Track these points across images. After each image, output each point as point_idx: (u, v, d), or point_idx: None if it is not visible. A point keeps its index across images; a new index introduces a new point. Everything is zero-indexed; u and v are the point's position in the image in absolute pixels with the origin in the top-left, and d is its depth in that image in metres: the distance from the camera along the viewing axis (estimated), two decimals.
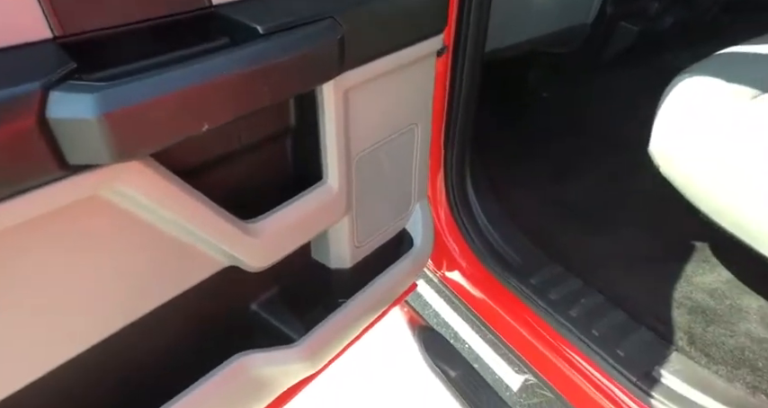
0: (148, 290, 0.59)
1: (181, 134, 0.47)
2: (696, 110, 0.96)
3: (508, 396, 1.57)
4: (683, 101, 0.98)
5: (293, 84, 0.58)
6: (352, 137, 0.76)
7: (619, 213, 1.33)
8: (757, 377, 0.95)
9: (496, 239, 1.26)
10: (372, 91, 0.76)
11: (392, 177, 0.91)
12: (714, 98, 0.95)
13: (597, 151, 1.53)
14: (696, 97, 0.96)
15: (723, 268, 1.15)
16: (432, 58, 0.87)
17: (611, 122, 1.61)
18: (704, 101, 0.96)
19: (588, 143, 1.57)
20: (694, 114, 0.97)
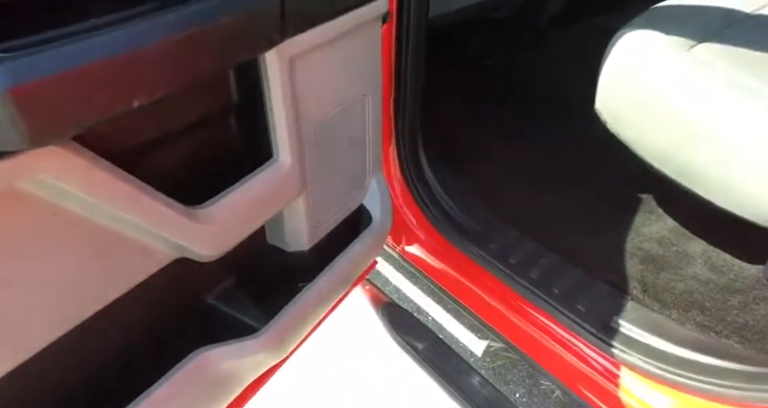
0: (88, 291, 0.53)
1: (107, 112, 0.42)
2: (637, 64, 0.98)
3: (473, 362, 1.61)
4: (624, 57, 0.99)
5: (233, 52, 0.53)
6: (302, 110, 0.71)
7: (569, 173, 1.36)
8: (706, 317, 1.01)
9: (453, 208, 1.26)
10: (319, 59, 0.71)
11: (346, 152, 0.87)
12: (653, 51, 0.97)
13: (544, 114, 1.55)
14: (636, 52, 0.98)
15: (668, 217, 1.20)
16: (377, 24, 0.83)
17: (556, 85, 1.63)
18: (644, 55, 0.97)
19: (535, 106, 1.58)
20: (636, 69, 0.99)
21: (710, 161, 0.93)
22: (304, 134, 0.73)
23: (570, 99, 1.52)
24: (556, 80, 1.66)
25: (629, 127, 1.03)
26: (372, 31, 0.82)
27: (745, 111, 0.89)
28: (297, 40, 0.64)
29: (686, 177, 0.99)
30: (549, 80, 1.65)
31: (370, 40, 0.83)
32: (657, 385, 0.93)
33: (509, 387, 1.56)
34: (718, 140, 0.91)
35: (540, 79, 1.67)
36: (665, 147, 0.99)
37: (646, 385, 0.94)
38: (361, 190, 0.94)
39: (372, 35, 0.83)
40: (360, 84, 0.84)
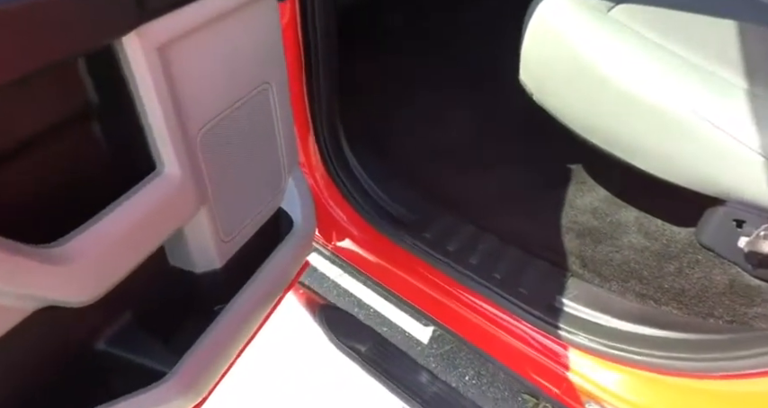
0: None
1: None
2: (558, 32, 0.93)
3: (419, 351, 1.56)
4: (545, 25, 0.94)
5: (69, 39, 0.40)
6: (187, 108, 0.59)
7: (497, 150, 1.31)
8: (644, 286, 1.00)
9: (382, 197, 1.17)
10: (201, 46, 0.59)
11: (253, 151, 0.76)
12: (573, 18, 0.92)
13: (467, 88, 1.49)
14: (556, 20, 0.93)
15: (599, 186, 1.19)
16: (272, 2, 0.71)
17: (477, 56, 1.57)
18: (564, 22, 0.92)
19: (456, 81, 1.52)
20: (556, 36, 0.93)
21: (638, 128, 0.91)
22: (195, 137, 0.62)
23: (495, 70, 1.47)
24: (479, 51, 1.60)
25: (554, 96, 0.99)
26: (267, 7, 0.71)
27: (663, 75, 0.86)
28: (165, 24, 0.51)
29: (614, 145, 0.96)
30: (471, 51, 1.59)
31: (266, 19, 0.72)
32: (604, 362, 0.91)
33: (458, 371, 1.53)
34: (644, 106, 0.88)
35: (461, 50, 1.61)
36: (592, 116, 0.96)
37: (593, 363, 0.92)
38: (277, 192, 0.83)
39: (267, 12, 0.71)
40: (259, 70, 0.73)
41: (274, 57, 0.76)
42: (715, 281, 0.97)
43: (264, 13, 0.70)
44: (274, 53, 0.76)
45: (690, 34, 0.90)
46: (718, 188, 0.88)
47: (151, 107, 0.53)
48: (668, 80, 0.86)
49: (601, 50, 0.90)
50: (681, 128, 0.86)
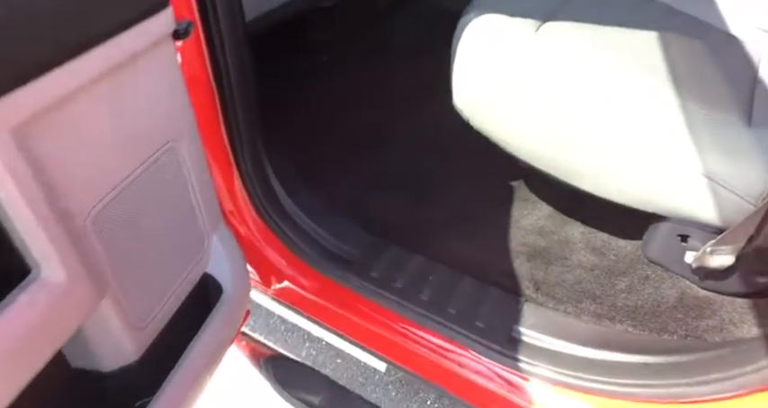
0: None
1: None
2: (488, 54, 0.88)
3: (378, 379, 1.50)
4: (474, 48, 0.89)
5: None
6: (67, 192, 0.49)
7: (436, 173, 1.26)
8: (598, 306, 0.98)
9: (322, 234, 1.09)
10: (77, 115, 0.49)
11: (165, 218, 0.66)
12: (502, 39, 0.87)
13: (398, 109, 1.43)
14: (485, 41, 0.88)
15: (542, 202, 1.17)
16: (167, 45, 0.62)
17: (405, 75, 1.52)
18: (494, 43, 0.88)
19: (387, 101, 1.45)
20: (487, 60, 0.89)
21: (576, 149, 0.88)
22: (82, 223, 0.51)
23: (423, 88, 1.42)
24: (404, 69, 1.54)
25: (490, 120, 0.94)
26: (162, 53, 0.61)
27: (596, 93, 0.83)
28: (16, 101, 0.41)
29: (554, 168, 0.93)
30: (397, 70, 1.53)
31: (162, 66, 0.62)
32: (568, 391, 0.88)
33: (419, 396, 1.48)
34: (580, 127, 0.86)
35: (387, 70, 1.54)
36: (529, 139, 0.92)
37: (557, 394, 0.89)
38: (199, 257, 0.73)
39: (163, 58, 0.62)
40: (161, 127, 0.63)
41: (178, 108, 0.67)
42: (665, 296, 0.96)
43: (160, 60, 0.60)
44: (178, 103, 0.66)
45: (619, 50, 0.87)
46: (658, 206, 0.86)
47: (11, 204, 0.43)
48: (602, 98, 0.84)
49: (532, 71, 0.87)
50: (618, 148, 0.84)
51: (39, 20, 0.43)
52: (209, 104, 0.90)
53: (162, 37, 0.58)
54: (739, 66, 0.95)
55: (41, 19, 0.44)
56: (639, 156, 0.82)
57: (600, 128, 0.84)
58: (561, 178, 0.94)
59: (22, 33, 0.42)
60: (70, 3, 0.46)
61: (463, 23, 0.90)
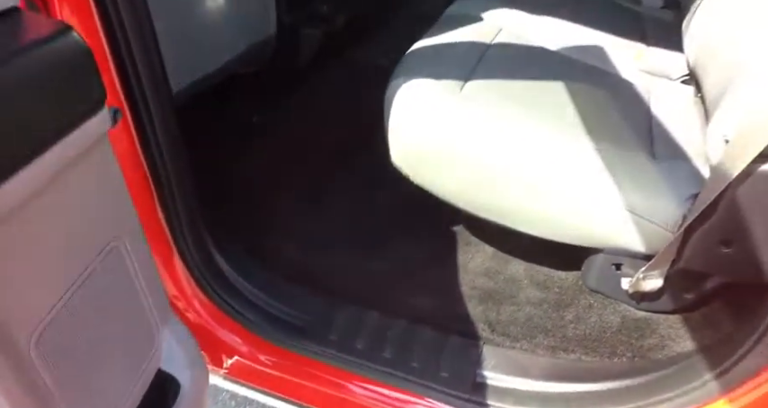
0: None
1: None
2: (419, 115, 0.94)
3: None
4: (406, 109, 0.94)
5: None
6: (6, 317, 0.45)
7: (378, 227, 1.28)
8: (551, 339, 1.02)
9: (274, 305, 1.07)
10: (15, 229, 0.47)
11: (112, 321, 0.62)
12: (431, 99, 0.93)
13: (333, 168, 1.45)
14: (415, 102, 0.93)
15: (483, 244, 1.22)
16: (103, 142, 0.60)
17: (335, 131, 1.55)
18: (423, 104, 0.93)
19: (322, 159, 1.47)
20: (419, 119, 0.94)
21: (510, 195, 0.94)
22: (26, 349, 0.48)
23: (355, 144, 1.46)
24: (332, 125, 1.58)
25: (428, 175, 0.99)
26: (101, 152, 0.59)
27: (521, 142, 0.91)
28: None
29: (493, 214, 0.99)
30: (328, 127, 1.57)
31: (101, 165, 0.60)
32: None
33: None
34: (511, 175, 0.92)
35: (318, 128, 1.58)
36: (466, 190, 0.98)
37: None
38: (151, 353, 0.69)
39: (102, 157, 0.60)
40: (104, 227, 0.61)
41: (119, 202, 0.64)
42: (609, 321, 1.03)
43: (98, 157, 0.59)
44: (119, 197, 0.64)
45: (533, 102, 0.96)
46: (591, 240, 0.94)
47: None
48: (523, 147, 0.91)
49: (461, 127, 0.93)
50: (545, 191, 0.91)
51: None
52: (143, 188, 0.87)
53: (101, 135, 0.57)
54: (635, 105, 1.07)
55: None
56: (566, 198, 0.89)
57: (526, 175, 0.91)
58: (499, 222, 0.99)
59: None
60: (9, 117, 0.45)
61: (394, 87, 0.95)
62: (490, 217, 0.99)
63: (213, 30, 1.32)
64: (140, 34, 0.77)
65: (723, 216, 0.79)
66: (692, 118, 1.06)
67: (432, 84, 0.94)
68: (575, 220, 0.91)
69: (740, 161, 0.73)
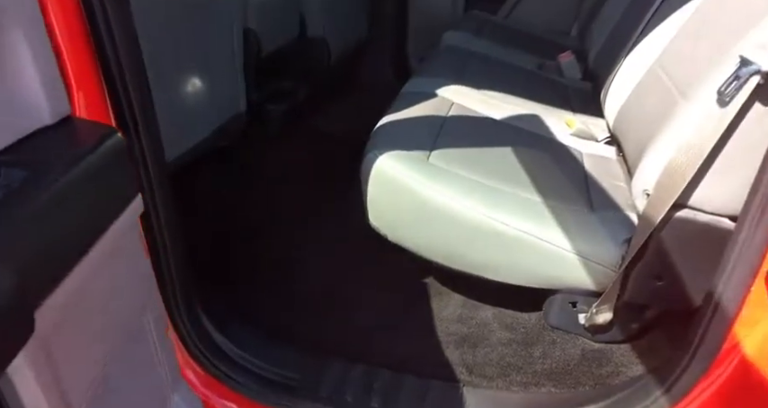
0: None
1: None
2: (394, 183, 1.07)
3: None
4: (381, 178, 1.07)
5: None
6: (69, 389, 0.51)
7: (355, 281, 1.37)
8: (523, 375, 1.13)
9: (262, 366, 1.12)
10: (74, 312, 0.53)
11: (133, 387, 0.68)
12: (403, 169, 1.07)
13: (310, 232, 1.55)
14: (390, 173, 1.07)
15: (454, 292, 1.33)
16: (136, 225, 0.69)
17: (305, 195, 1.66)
18: (397, 174, 1.07)
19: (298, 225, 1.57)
20: (394, 187, 1.07)
21: (477, 248, 1.07)
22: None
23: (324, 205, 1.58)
24: (301, 189, 1.70)
25: (404, 235, 1.11)
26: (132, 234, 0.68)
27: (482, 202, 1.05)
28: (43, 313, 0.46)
29: (463, 265, 1.11)
30: (296, 190, 1.68)
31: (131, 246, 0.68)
32: None
33: None
34: (478, 231, 1.05)
35: (286, 192, 1.68)
36: (439, 245, 1.10)
37: None
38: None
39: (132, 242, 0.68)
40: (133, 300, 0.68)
41: (146, 280, 0.72)
42: (571, 354, 1.15)
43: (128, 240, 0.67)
44: (144, 274, 0.72)
45: (492, 166, 1.12)
46: (549, 283, 1.08)
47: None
48: (485, 205, 1.05)
49: (430, 190, 1.06)
50: (507, 243, 1.05)
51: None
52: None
53: (135, 220, 0.66)
54: (572, 165, 1.26)
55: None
56: (525, 247, 1.04)
57: (490, 229, 1.05)
58: (468, 271, 1.12)
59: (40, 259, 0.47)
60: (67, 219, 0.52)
61: (369, 159, 1.08)
62: (460, 267, 1.12)
63: (192, 110, 1.43)
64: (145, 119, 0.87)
65: (652, 255, 0.95)
66: (617, 173, 1.25)
67: (403, 155, 1.08)
68: (534, 266, 1.05)
69: (660, 210, 0.90)
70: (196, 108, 1.44)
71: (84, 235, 0.54)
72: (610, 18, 1.72)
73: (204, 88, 1.46)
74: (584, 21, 2.21)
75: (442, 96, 1.42)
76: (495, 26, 2.30)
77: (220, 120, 1.54)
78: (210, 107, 1.51)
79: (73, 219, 0.53)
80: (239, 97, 1.64)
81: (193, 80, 1.40)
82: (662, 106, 1.07)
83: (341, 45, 2.22)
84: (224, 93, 1.58)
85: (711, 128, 0.83)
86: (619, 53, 1.45)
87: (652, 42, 1.30)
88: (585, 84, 1.79)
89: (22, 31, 0.53)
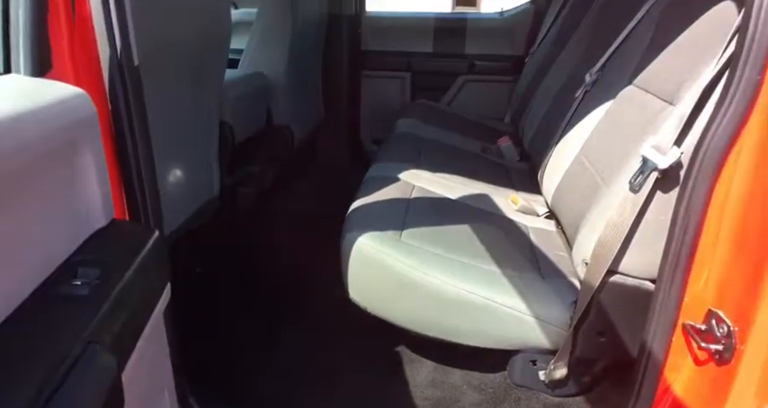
0: None
1: None
2: (371, 261, 1.21)
3: None
4: (359, 257, 1.21)
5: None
6: None
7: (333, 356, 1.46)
8: None
9: None
10: None
11: None
12: (379, 248, 1.21)
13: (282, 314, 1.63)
14: (368, 251, 1.21)
15: (423, 359, 1.44)
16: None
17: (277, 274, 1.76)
18: (375, 252, 1.21)
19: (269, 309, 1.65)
20: (371, 264, 1.21)
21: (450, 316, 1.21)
22: None
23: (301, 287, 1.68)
24: (271, 267, 1.80)
25: (385, 309, 1.24)
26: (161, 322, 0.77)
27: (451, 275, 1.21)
28: None
29: (438, 332, 1.24)
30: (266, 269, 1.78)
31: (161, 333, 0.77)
32: None
33: None
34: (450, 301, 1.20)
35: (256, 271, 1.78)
36: (415, 315, 1.24)
37: None
38: None
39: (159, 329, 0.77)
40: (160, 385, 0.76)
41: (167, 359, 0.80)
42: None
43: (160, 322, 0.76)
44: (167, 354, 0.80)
45: (455, 241, 1.29)
46: (511, 344, 1.22)
47: None
48: (455, 276, 1.21)
49: (403, 266, 1.21)
50: (474, 309, 1.20)
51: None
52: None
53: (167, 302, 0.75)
54: (521, 238, 1.45)
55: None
56: (489, 313, 1.19)
57: (458, 298, 1.20)
58: (440, 337, 1.25)
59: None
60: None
61: (348, 240, 1.22)
62: (433, 334, 1.24)
63: (173, 196, 1.53)
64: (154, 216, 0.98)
65: (595, 315, 1.13)
66: (559, 244, 1.46)
67: (378, 235, 1.23)
68: (497, 329, 1.19)
69: (597, 276, 1.09)
70: (177, 194, 1.54)
71: (143, 317, 0.64)
72: (538, 112, 2.03)
73: (185, 176, 1.57)
74: (515, 110, 2.55)
75: (404, 180, 1.61)
76: (440, 113, 2.60)
77: (196, 205, 1.64)
78: (189, 193, 1.62)
79: (136, 305, 0.63)
80: (214, 182, 1.76)
81: (177, 169, 1.52)
82: (589, 190, 1.30)
83: (303, 131, 2.42)
84: (201, 179, 1.69)
85: (629, 210, 1.05)
86: (549, 142, 1.72)
87: (576, 134, 1.57)
88: (523, 165, 2.06)
89: (92, 156, 0.66)
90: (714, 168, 0.80)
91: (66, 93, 0.63)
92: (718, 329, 0.81)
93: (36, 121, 0.55)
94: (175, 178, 1.52)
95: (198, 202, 1.67)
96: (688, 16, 1.20)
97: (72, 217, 0.64)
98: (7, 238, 0.51)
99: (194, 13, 1.42)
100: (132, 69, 0.90)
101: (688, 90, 1.06)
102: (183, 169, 1.55)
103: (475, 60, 2.83)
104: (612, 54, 1.61)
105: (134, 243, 0.70)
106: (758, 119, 0.76)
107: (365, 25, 2.80)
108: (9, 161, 0.50)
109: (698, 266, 0.86)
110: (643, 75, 1.32)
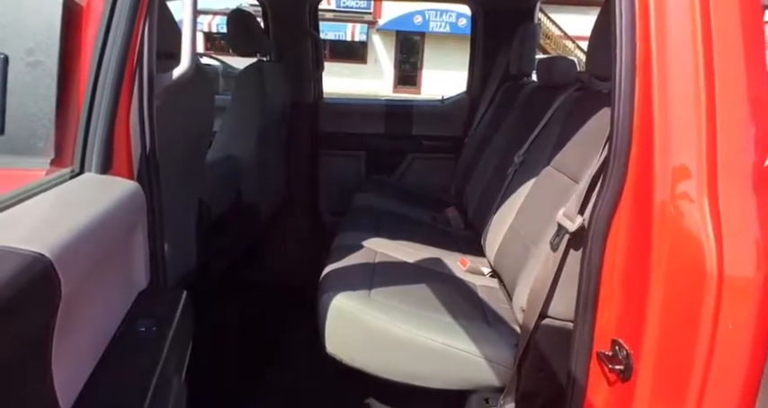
0: None
1: None
2: (346, 317, 1.41)
3: None
4: (334, 313, 1.42)
5: None
6: None
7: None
8: None
9: None
10: None
11: None
12: (352, 306, 1.42)
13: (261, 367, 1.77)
14: (342, 309, 1.42)
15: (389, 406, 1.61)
16: None
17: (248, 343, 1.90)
18: (349, 310, 1.42)
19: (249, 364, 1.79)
20: (345, 319, 1.41)
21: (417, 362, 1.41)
22: None
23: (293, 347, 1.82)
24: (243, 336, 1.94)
25: (358, 360, 1.43)
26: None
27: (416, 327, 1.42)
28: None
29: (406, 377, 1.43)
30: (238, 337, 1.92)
31: None
32: None
33: None
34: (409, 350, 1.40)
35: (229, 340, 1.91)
36: (385, 362, 1.43)
37: None
38: None
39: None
40: None
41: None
42: None
43: None
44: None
45: (416, 297, 1.52)
46: (467, 384, 1.43)
47: None
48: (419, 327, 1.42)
49: (374, 321, 1.42)
50: (435, 356, 1.41)
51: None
52: None
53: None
54: (470, 295, 1.70)
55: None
56: (448, 358, 1.40)
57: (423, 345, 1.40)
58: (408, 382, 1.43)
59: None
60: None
61: (324, 300, 1.43)
62: (402, 379, 1.43)
63: None
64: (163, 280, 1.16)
65: (533, 354, 1.36)
66: (502, 298, 1.72)
67: (350, 294, 1.45)
68: (454, 371, 1.40)
69: (531, 320, 1.34)
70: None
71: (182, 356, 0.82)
72: (478, 186, 2.37)
73: (172, 250, 1.74)
74: (458, 183, 2.90)
75: (367, 247, 1.85)
76: (393, 187, 2.91)
77: (179, 275, 1.80)
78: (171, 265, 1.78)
79: (178, 351, 0.81)
80: (192, 256, 1.93)
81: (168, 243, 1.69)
82: (522, 251, 1.59)
83: (268, 206, 2.64)
84: (181, 253, 1.86)
85: (551, 265, 1.33)
86: (489, 212, 2.03)
87: (509, 205, 1.89)
88: (468, 232, 2.35)
89: (141, 234, 0.87)
90: (603, 232, 1.10)
91: (130, 189, 0.84)
92: (620, 353, 1.07)
93: (119, 213, 0.76)
94: (168, 250, 1.69)
95: (180, 273, 1.82)
96: (585, 115, 1.57)
97: (128, 281, 0.84)
98: (103, 295, 0.70)
99: (191, 113, 1.67)
100: (155, 162, 1.11)
101: (586, 172, 1.39)
102: (172, 243, 1.72)
103: (422, 140, 3.21)
104: (534, 140, 1.98)
105: (171, 301, 0.89)
106: (627, 198, 1.07)
107: (323, 111, 3.15)
108: (107, 241, 0.71)
109: (602, 305, 1.13)
110: (557, 159, 1.67)
